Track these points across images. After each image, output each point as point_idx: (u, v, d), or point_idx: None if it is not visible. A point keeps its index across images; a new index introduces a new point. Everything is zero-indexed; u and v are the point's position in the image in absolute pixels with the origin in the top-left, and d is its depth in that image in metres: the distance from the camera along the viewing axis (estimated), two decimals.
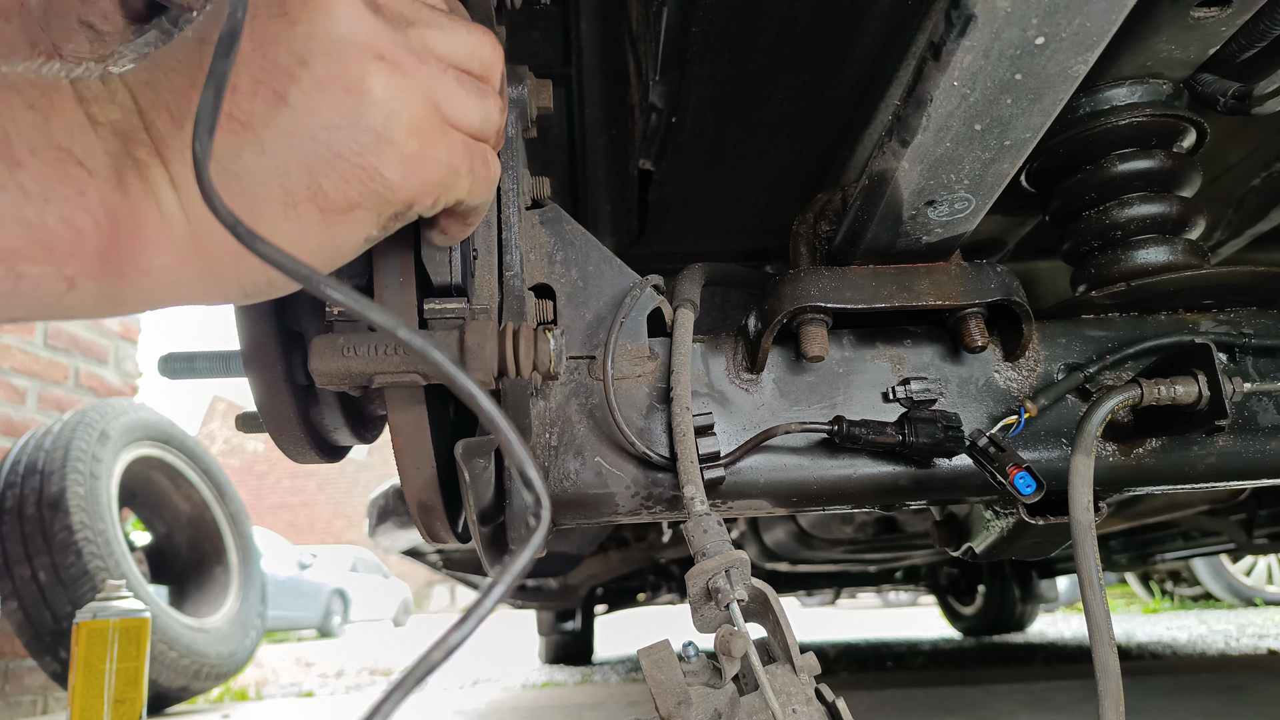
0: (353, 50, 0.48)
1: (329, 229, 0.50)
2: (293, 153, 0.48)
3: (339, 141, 0.48)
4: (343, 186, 0.49)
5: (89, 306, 0.48)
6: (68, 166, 0.44)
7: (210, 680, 3.18)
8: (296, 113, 0.47)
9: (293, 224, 0.49)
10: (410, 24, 0.51)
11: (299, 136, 0.48)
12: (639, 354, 0.87)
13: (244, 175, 0.48)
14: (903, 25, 0.95)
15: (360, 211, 0.50)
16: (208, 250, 0.49)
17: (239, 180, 0.48)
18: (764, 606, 0.70)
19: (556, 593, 3.78)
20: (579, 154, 1.30)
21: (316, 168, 0.48)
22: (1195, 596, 6.55)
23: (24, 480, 2.91)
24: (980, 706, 2.25)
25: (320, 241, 0.51)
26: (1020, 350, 0.89)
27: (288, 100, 0.47)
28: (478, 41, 0.55)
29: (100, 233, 0.45)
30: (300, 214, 0.49)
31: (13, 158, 0.43)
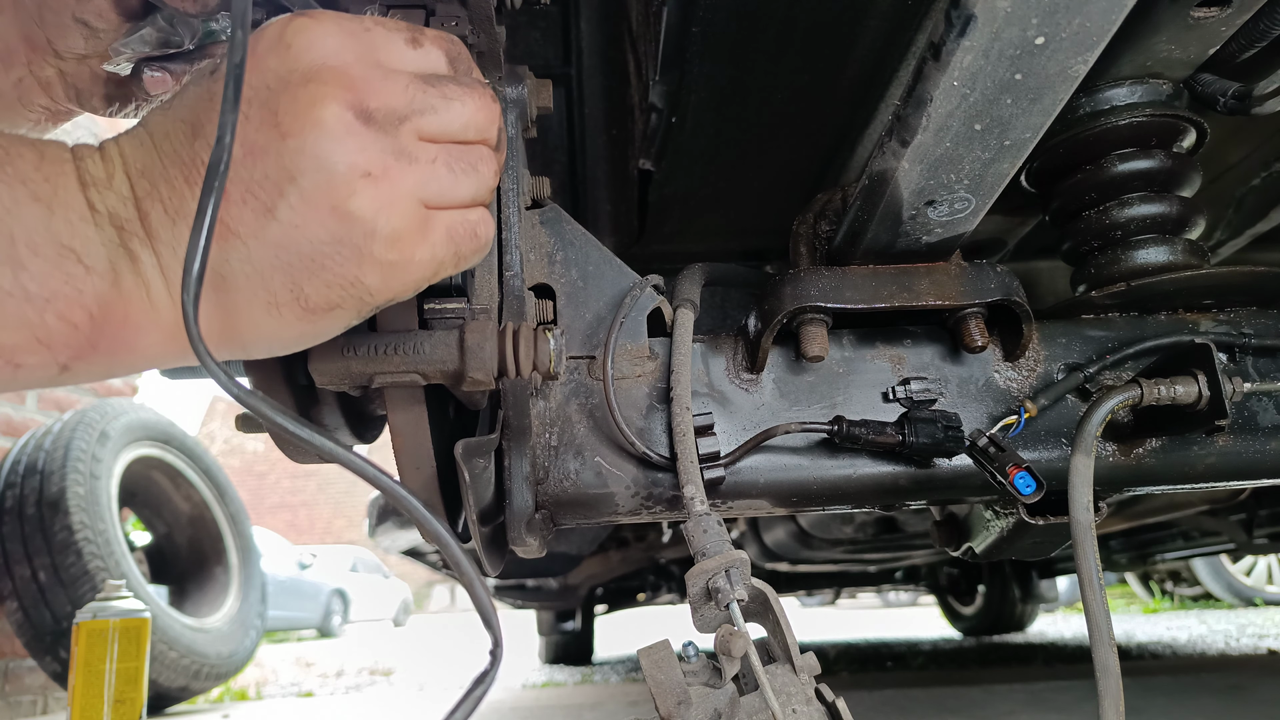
0: (340, 169, 0.49)
1: (310, 324, 0.53)
2: (278, 261, 0.50)
3: (322, 254, 0.50)
4: (325, 292, 0.51)
5: (80, 380, 0.52)
6: (68, 264, 0.48)
7: (210, 680, 3.18)
8: (283, 226, 0.49)
9: (275, 321, 0.52)
10: (404, 119, 0.51)
11: (284, 247, 0.50)
12: (639, 354, 0.87)
13: (230, 277, 0.50)
14: (903, 25, 0.95)
15: (340, 311, 0.53)
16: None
17: (225, 281, 0.50)
18: (764, 606, 0.70)
19: (556, 593, 3.78)
20: (579, 154, 1.30)
21: (300, 276, 0.51)
22: (1195, 596, 6.55)
23: (24, 480, 2.91)
24: (980, 706, 2.25)
25: (300, 333, 0.54)
26: (1020, 350, 0.89)
27: (275, 214, 0.49)
28: (474, 110, 0.54)
29: (93, 324, 0.49)
30: (283, 313, 0.52)
31: (17, 259, 0.46)
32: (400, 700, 3.34)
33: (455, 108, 0.53)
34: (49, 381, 0.51)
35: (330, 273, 0.51)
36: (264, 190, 0.49)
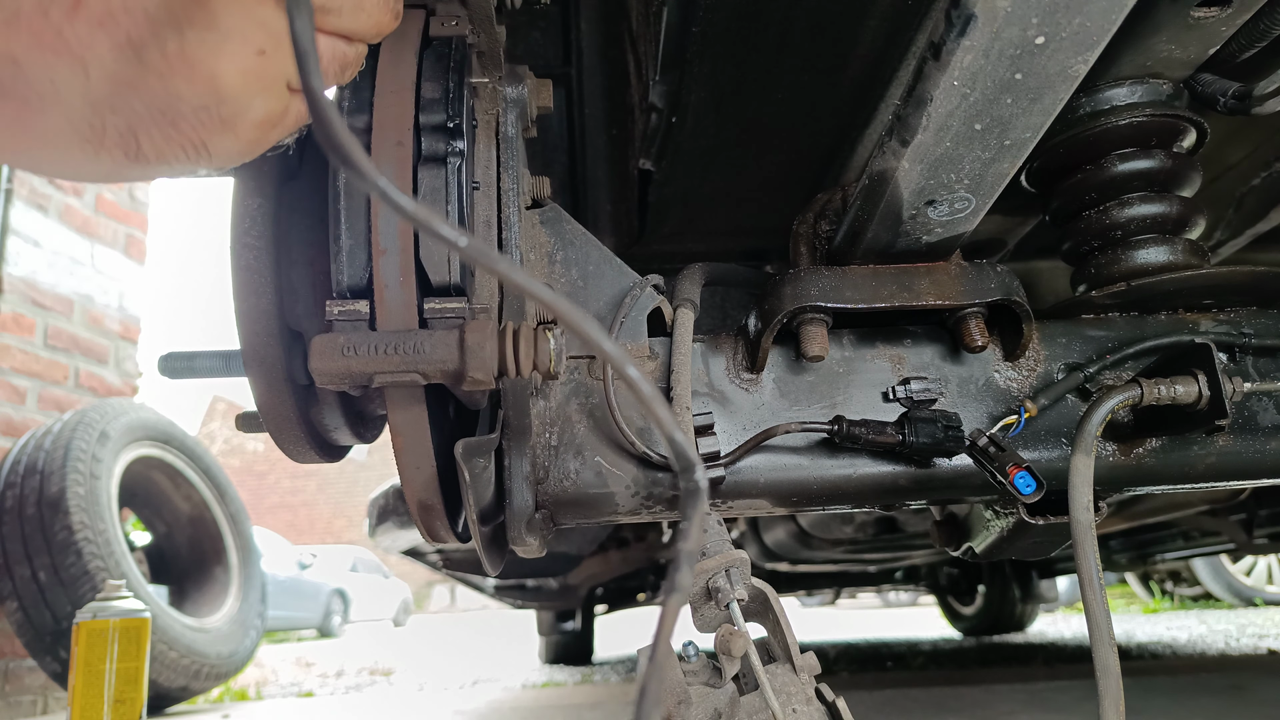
0: (236, 41, 0.45)
1: (124, 169, 0.47)
2: (119, 103, 0.44)
3: (177, 112, 0.45)
4: (161, 145, 0.46)
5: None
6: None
7: (210, 680, 3.18)
8: (145, 71, 0.44)
9: (83, 155, 0.46)
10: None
11: (134, 91, 0.44)
12: (639, 354, 0.87)
13: (48, 96, 0.43)
14: (903, 25, 0.95)
15: (166, 166, 0.48)
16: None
17: (40, 99, 0.43)
18: (764, 606, 0.70)
19: (556, 593, 3.78)
20: (579, 154, 1.30)
21: (140, 124, 0.45)
22: (1195, 596, 6.55)
23: (24, 480, 2.91)
24: (980, 706, 2.25)
25: (106, 173, 0.48)
26: (1020, 350, 0.89)
27: (141, 55, 0.43)
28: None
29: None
30: (99, 153, 0.45)
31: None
32: (400, 700, 3.34)
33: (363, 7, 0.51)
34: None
35: (179, 131, 0.46)
36: (134, 22, 0.42)
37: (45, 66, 0.42)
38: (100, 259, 3.72)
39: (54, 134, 0.44)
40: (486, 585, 3.71)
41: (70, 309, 3.57)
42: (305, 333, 0.79)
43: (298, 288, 0.78)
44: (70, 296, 3.57)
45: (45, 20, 0.41)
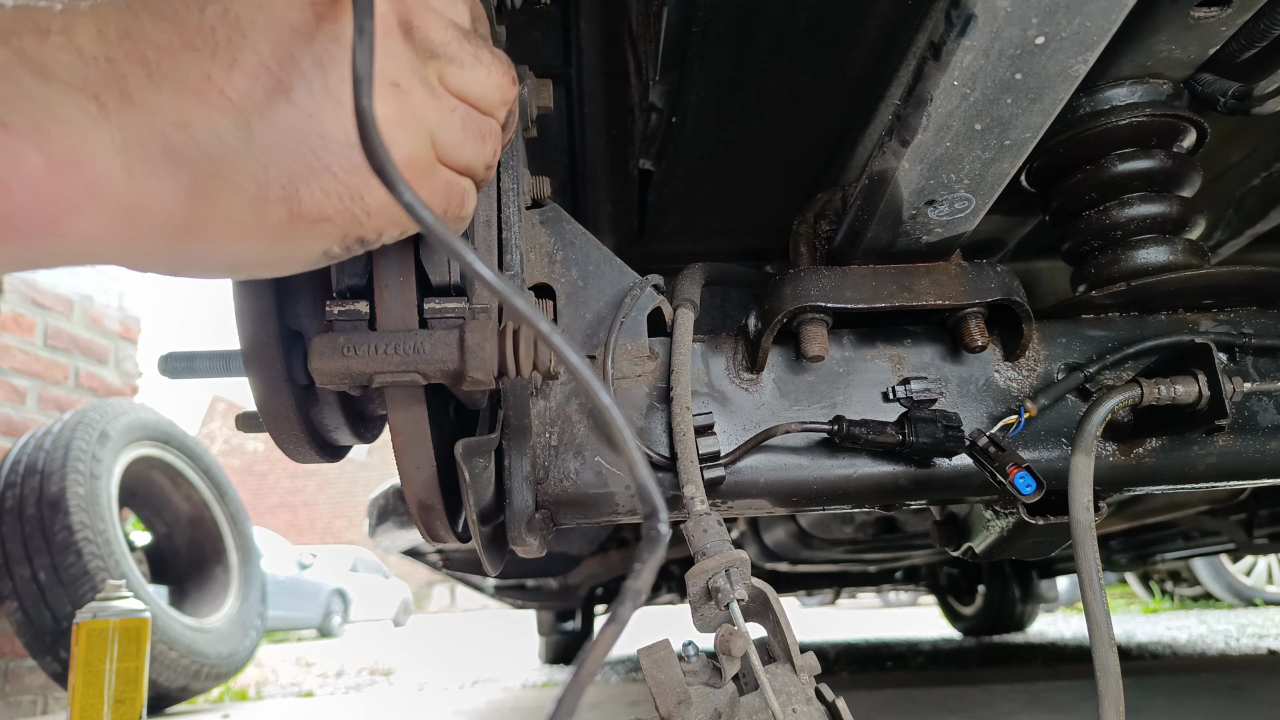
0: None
1: (289, 235, 0.48)
2: (278, 150, 0.45)
3: (330, 154, 0.47)
4: (320, 198, 0.47)
5: (4, 267, 0.44)
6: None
7: (210, 680, 3.18)
8: (296, 112, 0.45)
9: (253, 219, 0.46)
10: (434, 56, 0.50)
11: (290, 135, 0.45)
12: (639, 354, 0.87)
13: (218, 156, 0.44)
14: (903, 25, 0.95)
15: (329, 226, 0.49)
16: (143, 225, 0.44)
17: (211, 161, 0.44)
18: (764, 606, 0.70)
19: (556, 593, 3.78)
20: (579, 154, 1.30)
21: (299, 172, 0.46)
22: (1195, 596, 6.56)
23: (24, 480, 2.91)
24: (980, 706, 2.25)
25: (275, 241, 0.48)
26: (1020, 350, 0.89)
27: (291, 97, 0.45)
28: (495, 81, 0.54)
29: (11, 196, 0.40)
30: (265, 211, 0.46)
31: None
32: (400, 700, 3.34)
33: (481, 71, 0.52)
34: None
35: (334, 177, 0.47)
36: (284, 68, 0.45)
37: (213, 125, 0.44)
38: None
39: (223, 198, 0.45)
40: (486, 585, 3.71)
41: (70, 309, 3.57)
42: (305, 333, 0.79)
43: (297, 288, 0.78)
44: (70, 296, 3.57)
45: (209, 82, 0.44)
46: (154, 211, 0.44)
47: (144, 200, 0.44)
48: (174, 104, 0.43)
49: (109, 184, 0.42)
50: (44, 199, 0.41)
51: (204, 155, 0.44)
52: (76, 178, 0.41)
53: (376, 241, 0.52)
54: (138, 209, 0.44)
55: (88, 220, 0.43)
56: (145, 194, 0.43)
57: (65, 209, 0.42)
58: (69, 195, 0.41)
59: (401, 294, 0.66)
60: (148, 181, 0.43)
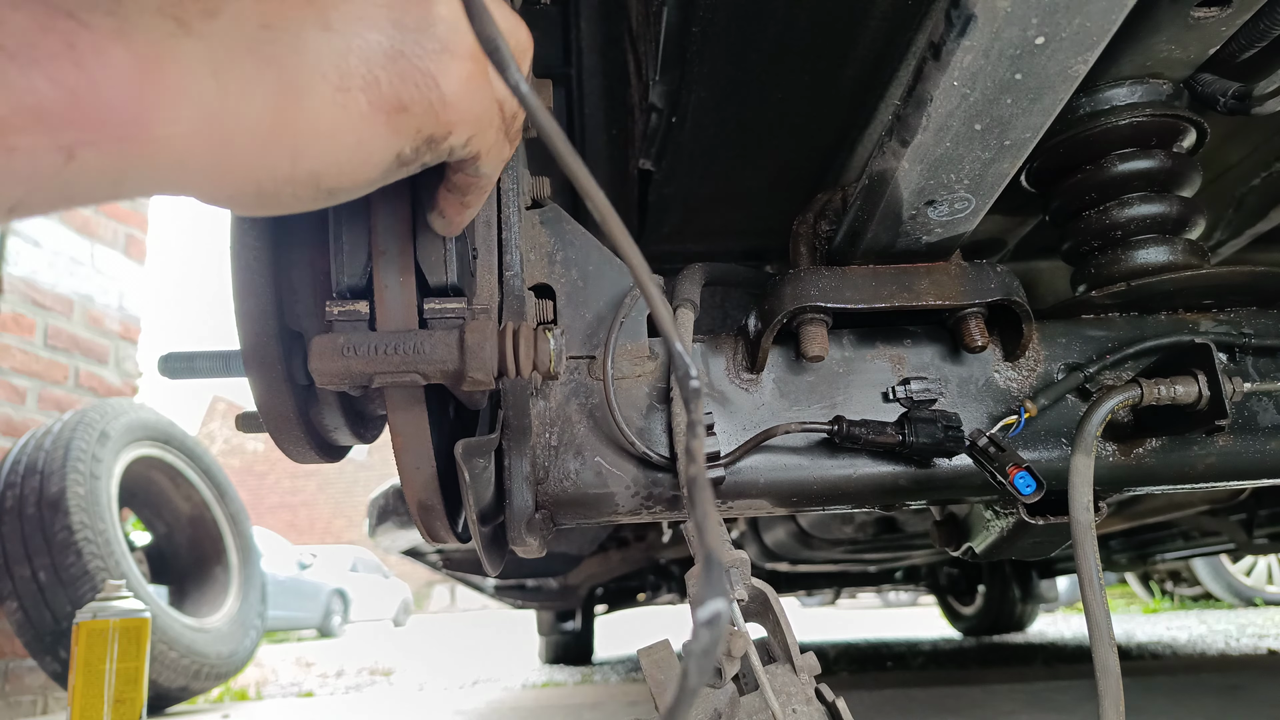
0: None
1: (370, 126, 0.48)
2: (356, 38, 0.46)
3: (406, 40, 0.48)
4: (398, 84, 0.48)
5: (91, 182, 0.41)
6: (55, 19, 0.38)
7: (210, 680, 3.18)
8: (372, 5, 0.47)
9: (337, 110, 0.46)
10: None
11: (367, 23, 0.47)
12: (639, 354, 0.87)
13: (301, 50, 0.45)
14: (903, 25, 0.95)
15: (406, 117, 0.49)
16: (232, 128, 0.43)
17: (296, 54, 0.45)
18: (764, 606, 0.70)
19: (556, 593, 3.78)
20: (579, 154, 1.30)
21: (376, 59, 0.47)
22: (1195, 596, 6.56)
23: (24, 480, 2.91)
24: (980, 706, 2.25)
25: (358, 138, 0.48)
26: (1020, 350, 0.89)
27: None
28: (518, 23, 0.56)
29: (96, 93, 0.38)
30: (348, 101, 0.46)
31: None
32: (400, 700, 3.34)
33: (506, 10, 0.54)
34: (54, 175, 0.40)
35: (409, 63, 0.48)
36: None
37: (294, 21, 0.45)
38: (100, 259, 3.72)
39: (309, 91, 0.45)
40: (486, 585, 3.71)
41: (70, 309, 3.57)
42: (305, 333, 0.79)
43: (298, 288, 0.78)
44: (70, 296, 3.57)
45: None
46: (243, 112, 0.43)
47: (233, 102, 0.43)
48: (255, 8, 0.44)
49: (197, 86, 0.41)
50: (134, 98, 0.39)
51: (288, 51, 0.44)
52: (164, 78, 0.40)
53: (443, 148, 0.52)
54: (227, 111, 0.43)
55: (178, 123, 0.41)
56: (234, 95, 0.43)
57: (155, 109, 0.40)
58: (158, 95, 0.40)
59: (401, 294, 0.66)
60: (235, 83, 0.43)
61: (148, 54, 0.40)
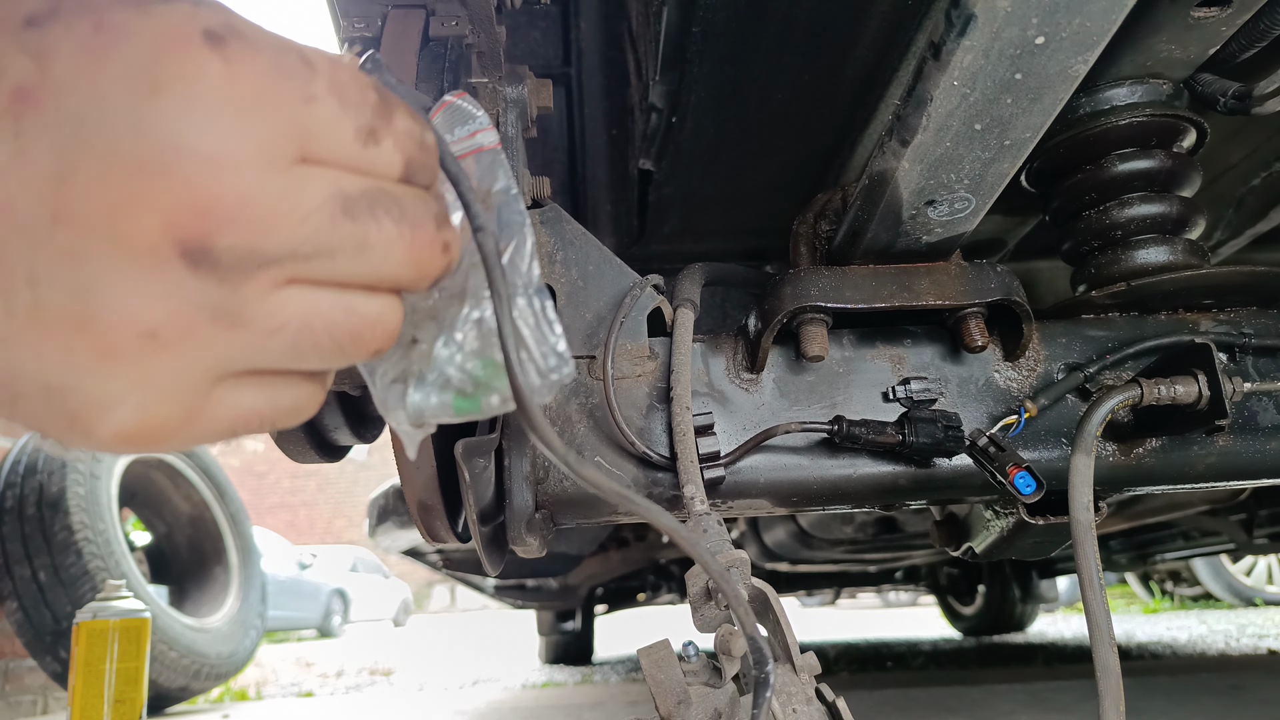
0: (110, 314, 0.30)
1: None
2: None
3: (18, 386, 0.32)
4: (6, 413, 0.34)
5: None
6: None
7: (210, 680, 3.18)
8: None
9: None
10: (273, 263, 0.32)
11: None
12: (639, 354, 0.87)
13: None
14: (903, 25, 0.95)
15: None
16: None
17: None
18: (764, 606, 0.69)
19: (556, 593, 3.78)
20: (579, 154, 1.30)
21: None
22: (1195, 596, 6.55)
23: (24, 480, 2.91)
24: (980, 706, 2.25)
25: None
26: (1020, 350, 0.89)
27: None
28: (401, 258, 0.36)
29: None
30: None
31: None
32: (400, 700, 3.34)
33: (373, 256, 0.35)
34: None
35: (20, 409, 0.32)
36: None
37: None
38: None
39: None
40: (486, 585, 3.71)
41: None
42: None
43: None
44: None
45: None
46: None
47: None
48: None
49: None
50: None
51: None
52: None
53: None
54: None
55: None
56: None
57: None
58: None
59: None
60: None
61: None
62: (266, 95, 0.31)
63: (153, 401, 0.32)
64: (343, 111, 0.34)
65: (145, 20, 0.30)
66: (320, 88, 0.33)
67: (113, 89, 0.29)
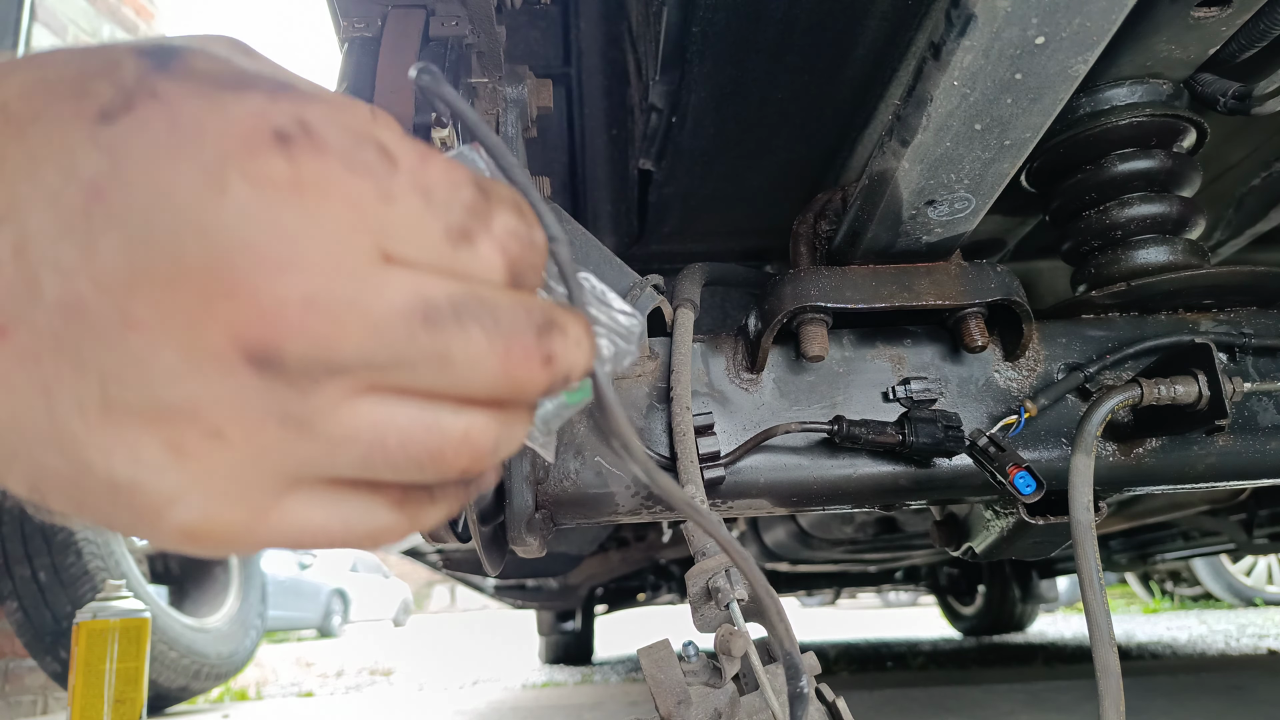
0: (171, 412, 0.29)
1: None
2: (25, 451, 0.31)
3: (87, 487, 0.31)
4: (69, 511, 0.34)
5: None
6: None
7: (210, 680, 3.18)
8: (56, 429, 0.30)
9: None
10: (345, 371, 0.30)
11: (48, 450, 0.30)
12: (639, 354, 0.87)
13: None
14: (903, 25, 0.95)
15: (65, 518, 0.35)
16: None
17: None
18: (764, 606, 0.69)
19: (556, 593, 3.78)
20: (579, 154, 1.30)
21: (43, 480, 0.32)
22: (1195, 596, 6.55)
23: None
24: (980, 706, 2.25)
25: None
26: (1020, 350, 0.89)
27: (53, 406, 0.30)
28: (495, 371, 0.32)
29: None
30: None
31: None
32: (400, 700, 3.34)
33: (459, 369, 0.31)
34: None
35: (87, 505, 0.31)
36: (57, 364, 0.29)
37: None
38: None
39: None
40: (486, 585, 3.71)
41: None
42: None
43: None
44: None
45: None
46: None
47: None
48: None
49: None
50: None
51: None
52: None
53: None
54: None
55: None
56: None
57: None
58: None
59: None
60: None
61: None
62: (336, 194, 0.30)
63: (218, 501, 0.31)
64: (428, 210, 0.31)
65: (217, 117, 0.29)
66: (402, 184, 0.31)
67: (182, 189, 0.28)
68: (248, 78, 0.31)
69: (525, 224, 0.34)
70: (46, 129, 0.29)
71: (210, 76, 0.30)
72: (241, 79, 0.31)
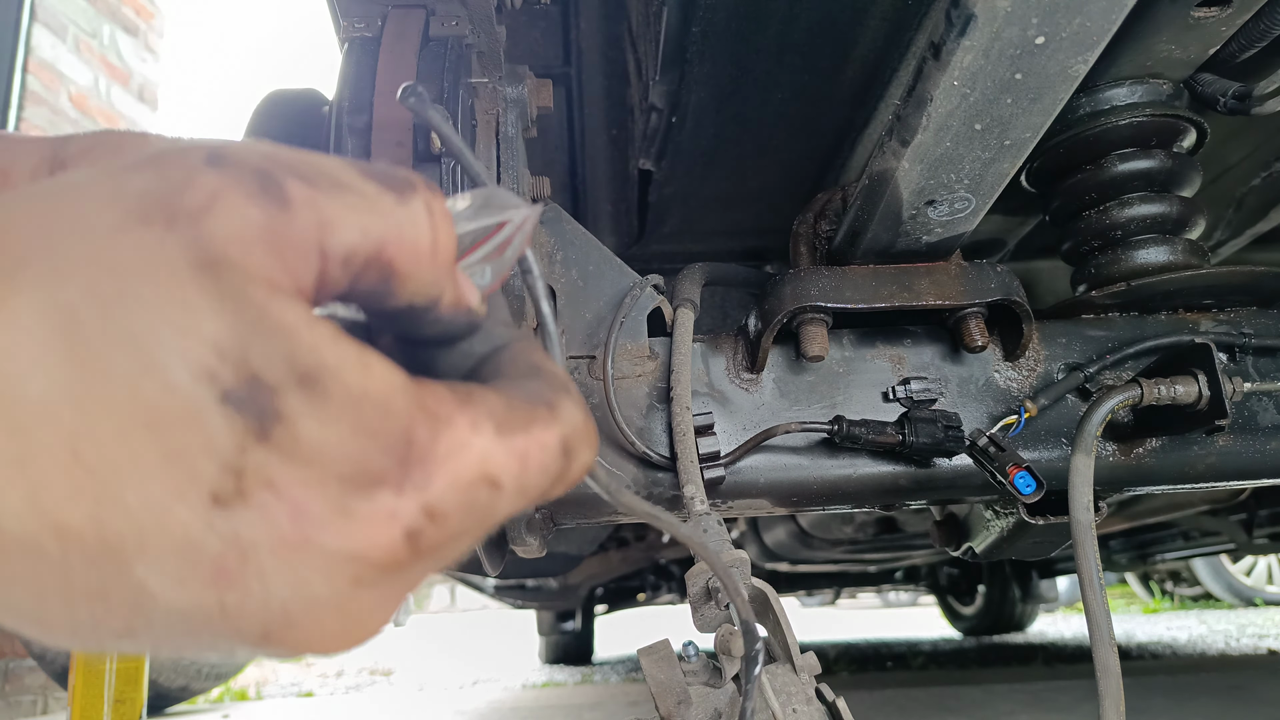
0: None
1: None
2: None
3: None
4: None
5: None
6: None
7: (210, 680, 3.18)
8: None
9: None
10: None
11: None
12: (639, 354, 0.87)
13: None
14: (903, 25, 0.95)
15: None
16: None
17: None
18: (764, 606, 0.69)
19: (556, 593, 3.78)
20: (579, 154, 1.30)
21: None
22: (1195, 596, 6.55)
23: None
24: (980, 706, 2.25)
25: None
26: (1020, 350, 0.89)
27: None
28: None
29: None
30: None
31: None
32: (400, 700, 3.34)
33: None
34: None
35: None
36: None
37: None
38: None
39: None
40: (486, 585, 3.71)
41: None
42: None
43: None
44: None
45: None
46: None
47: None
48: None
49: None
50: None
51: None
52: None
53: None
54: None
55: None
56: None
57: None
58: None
59: None
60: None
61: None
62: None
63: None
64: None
65: (347, 526, 0.25)
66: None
67: (314, 580, 0.26)
68: (374, 459, 0.25)
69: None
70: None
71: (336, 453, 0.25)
72: (366, 463, 0.25)
